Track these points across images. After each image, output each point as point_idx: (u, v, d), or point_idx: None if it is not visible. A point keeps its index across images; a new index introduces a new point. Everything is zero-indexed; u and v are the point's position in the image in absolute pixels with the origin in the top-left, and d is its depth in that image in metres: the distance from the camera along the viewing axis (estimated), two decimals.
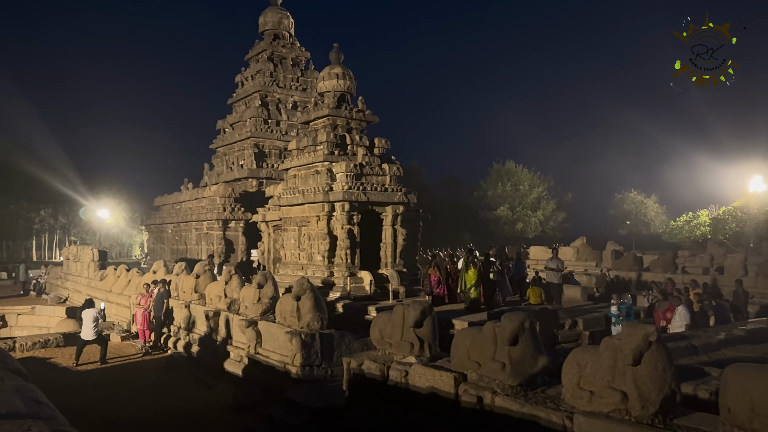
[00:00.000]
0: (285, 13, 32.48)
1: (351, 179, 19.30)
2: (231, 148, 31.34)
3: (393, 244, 20.26)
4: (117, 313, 19.20)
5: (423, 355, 7.64)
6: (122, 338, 16.84)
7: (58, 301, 24.67)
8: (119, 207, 66.02)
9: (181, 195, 30.87)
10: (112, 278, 21.38)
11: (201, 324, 14.46)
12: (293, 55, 31.94)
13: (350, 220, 19.13)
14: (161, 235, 32.54)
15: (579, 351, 6.14)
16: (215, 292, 14.62)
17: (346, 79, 21.37)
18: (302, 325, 10.87)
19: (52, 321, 21.21)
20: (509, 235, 56.46)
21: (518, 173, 59.91)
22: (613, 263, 28.36)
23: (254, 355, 11.64)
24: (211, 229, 26.73)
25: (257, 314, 12.45)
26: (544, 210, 58.23)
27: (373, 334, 8.60)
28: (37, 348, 15.46)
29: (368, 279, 18.46)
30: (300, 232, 20.85)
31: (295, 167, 21.87)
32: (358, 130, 21.61)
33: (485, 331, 6.64)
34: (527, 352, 6.35)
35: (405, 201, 20.25)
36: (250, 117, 29.78)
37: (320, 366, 10.34)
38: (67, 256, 29.30)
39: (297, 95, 31.36)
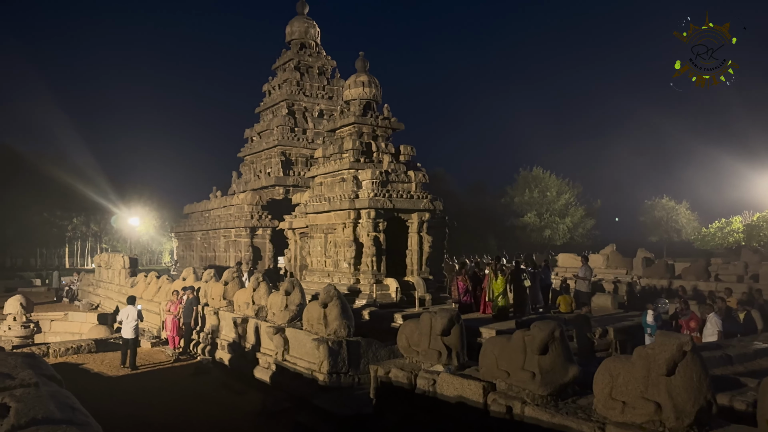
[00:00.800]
0: (311, 22, 32.79)
1: (377, 186, 19.33)
2: (258, 156, 31.68)
3: (419, 251, 20.20)
4: (147, 319, 19.48)
5: (451, 363, 7.58)
6: (152, 344, 17.09)
7: (90, 308, 25.16)
8: (149, 215, 67.22)
9: (209, 203, 31.29)
10: (142, 285, 21.74)
11: (229, 331, 14.59)
12: (319, 63, 32.20)
13: (376, 228, 19.14)
14: (190, 243, 33.00)
15: (611, 360, 6.03)
16: (243, 299, 14.74)
17: (372, 86, 21.46)
18: (329, 332, 10.89)
19: (84, 327, 21.65)
20: (537, 242, 55.88)
21: (545, 179, 59.30)
22: (644, 271, 27.82)
23: (282, 362, 11.69)
24: (239, 237, 27.02)
25: (284, 321, 12.51)
26: (573, 217, 57.50)
27: (400, 342, 8.57)
28: (70, 354, 15.77)
29: (394, 286, 18.43)
30: (326, 239, 20.94)
31: (321, 175, 22.00)
32: (384, 138, 21.66)
33: (514, 340, 6.56)
34: (558, 361, 6.25)
35: (431, 208, 20.20)
36: (277, 125, 30.08)
37: (347, 373, 10.33)
38: (99, 264, 29.89)
39: (323, 103, 31.59)
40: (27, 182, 53.22)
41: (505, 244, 53.85)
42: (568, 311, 15.08)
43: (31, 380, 4.53)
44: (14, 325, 19.25)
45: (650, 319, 12.70)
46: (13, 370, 4.94)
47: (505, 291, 14.50)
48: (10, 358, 5.48)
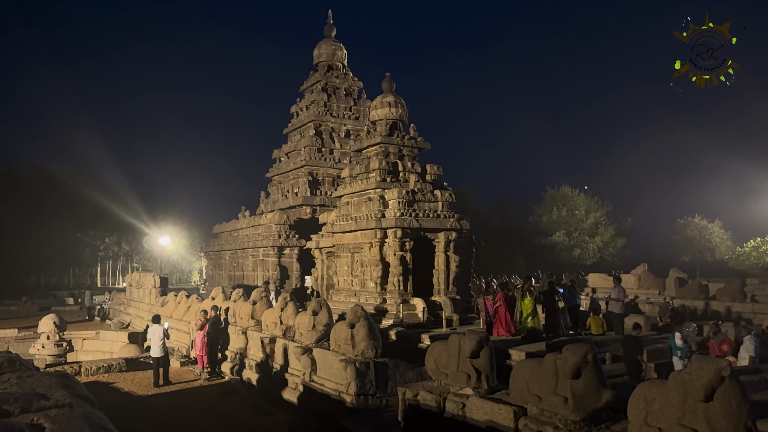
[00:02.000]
0: (338, 45, 33.26)
1: (403, 206, 19.34)
2: (286, 176, 32.03)
3: (446, 270, 20.09)
4: (176, 338, 19.69)
5: (480, 386, 7.48)
6: (181, 363, 17.22)
7: (120, 327, 25.54)
8: (179, 234, 68.26)
9: (238, 222, 31.68)
10: (172, 304, 22.00)
11: (257, 350, 14.64)
12: (346, 85, 32.58)
13: (402, 247, 19.11)
14: (219, 262, 33.38)
15: (646, 385, 5.88)
16: (271, 319, 14.80)
17: (398, 107, 21.59)
18: (356, 353, 10.85)
19: (115, 346, 21.95)
20: (566, 262, 55.09)
21: (574, 198, 58.58)
22: (677, 291, 27.23)
23: (309, 383, 11.67)
24: (266, 256, 27.24)
25: (312, 341, 12.52)
26: (603, 236, 56.57)
27: (429, 364, 8.49)
28: (101, 373, 15.98)
29: (421, 306, 18.32)
30: (353, 258, 20.97)
31: (347, 194, 22.12)
32: (410, 157, 21.72)
33: (546, 364, 6.44)
34: (590, 385, 6.12)
35: (457, 227, 20.11)
36: (305, 146, 30.41)
37: (375, 395, 10.25)
38: (130, 283, 30.37)
39: (350, 124, 31.88)
40: (62, 203, 54.67)
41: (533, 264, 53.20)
42: (599, 333, 14.78)
43: (66, 401, 4.59)
44: (48, 343, 19.62)
45: (679, 342, 12.34)
46: (48, 390, 5.02)
47: (535, 312, 14.28)
48: (45, 378, 5.57)
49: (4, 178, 54.15)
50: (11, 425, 3.73)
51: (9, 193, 51.53)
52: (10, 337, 22.71)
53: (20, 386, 5.27)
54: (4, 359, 6.76)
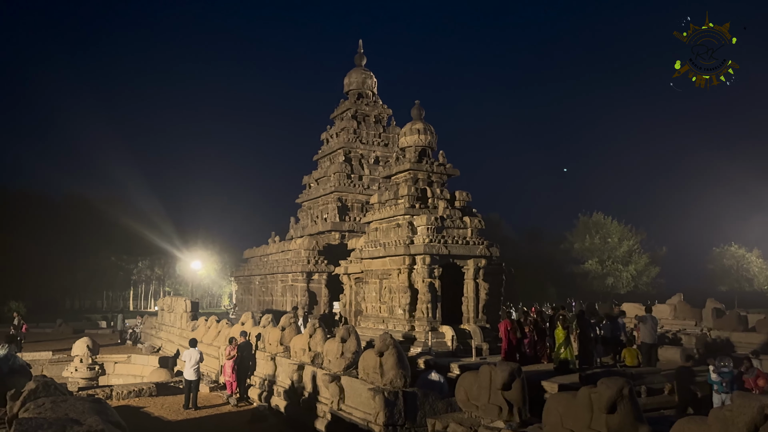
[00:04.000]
0: (369, 73, 33.75)
1: (432, 232, 19.28)
2: (316, 202, 32.31)
3: (475, 298, 19.87)
4: (206, 363, 19.77)
5: (512, 420, 7.31)
6: (210, 389, 17.29)
7: (151, 351, 25.80)
8: (210, 259, 69.15)
9: (268, 248, 31.96)
10: (203, 329, 22.18)
11: (285, 377, 14.61)
12: (376, 112, 32.94)
13: (431, 274, 19.00)
14: (249, 286, 33.64)
15: (685, 421, 5.68)
16: (300, 345, 14.79)
17: (427, 134, 21.70)
18: (385, 381, 10.73)
19: (146, 370, 22.16)
20: (599, 291, 53.98)
21: (607, 225, 57.66)
22: (714, 322, 26.38)
23: (337, 411, 11.57)
24: (295, 281, 27.36)
25: (340, 369, 12.44)
26: (637, 264, 55.39)
27: (459, 395, 8.36)
28: (132, 397, 16.12)
29: (450, 334, 18.11)
30: (381, 285, 20.91)
31: (376, 220, 22.17)
32: (439, 183, 21.72)
33: (580, 397, 6.28)
34: (627, 420, 5.94)
35: (487, 254, 19.93)
36: (334, 172, 30.70)
37: (404, 426, 10.10)
38: (162, 307, 30.76)
39: (379, 150, 32.13)
40: (97, 228, 56.06)
41: (565, 292, 52.24)
42: (634, 365, 14.39)
43: (98, 427, 4.64)
44: (81, 366, 19.91)
45: (714, 377, 11.88)
46: (81, 416, 5.08)
47: (567, 342, 13.98)
48: (78, 404, 5.65)
49: (42, 205, 56.02)
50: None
51: (46, 220, 53.20)
52: (45, 360, 23.12)
53: (54, 411, 5.35)
54: (39, 384, 6.89)
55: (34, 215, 52.71)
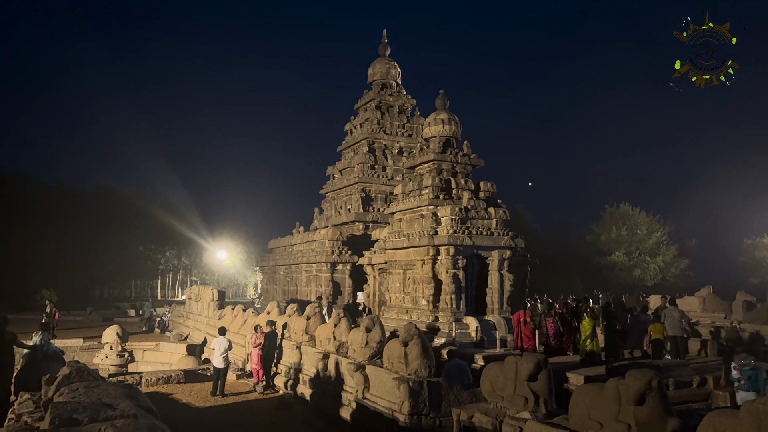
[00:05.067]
0: (392, 63, 33.64)
1: (456, 223, 19.21)
2: (339, 193, 32.41)
3: (500, 289, 19.79)
4: (233, 351, 20.06)
5: (538, 410, 7.28)
6: (237, 376, 17.53)
7: (179, 339, 26.24)
8: (236, 249, 69.98)
9: (292, 238, 32.20)
10: (229, 317, 22.47)
11: (311, 365, 14.75)
12: (400, 102, 32.84)
13: (455, 265, 18.96)
14: (274, 276, 33.97)
15: (716, 414, 5.59)
16: (324, 335, 14.90)
17: (452, 124, 21.57)
18: (410, 371, 10.76)
19: (174, 357, 22.55)
20: (626, 283, 53.22)
21: (634, 216, 56.70)
22: (744, 315, 25.84)
23: (362, 400, 11.65)
24: (319, 272, 27.53)
25: (365, 358, 12.51)
26: (665, 256, 54.42)
27: (484, 386, 8.34)
28: (160, 383, 16.43)
29: (474, 325, 18.07)
30: (405, 275, 20.93)
31: (400, 211, 22.16)
32: (464, 174, 21.60)
33: (608, 389, 6.22)
34: (655, 413, 5.86)
35: (512, 245, 19.81)
36: (358, 163, 30.73)
37: (428, 415, 10.12)
38: (189, 296, 31.25)
39: (403, 141, 32.06)
40: (126, 219, 57.20)
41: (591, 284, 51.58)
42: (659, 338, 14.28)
43: (130, 411, 4.75)
44: (111, 354, 20.34)
45: (735, 374, 11.51)
46: (114, 401, 5.20)
47: (594, 334, 13.84)
48: (110, 389, 5.78)
49: (74, 198, 57.37)
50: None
51: (78, 211, 54.47)
52: (76, 347, 23.66)
53: (88, 395, 5.48)
54: (73, 369, 7.07)
55: (66, 207, 54.06)
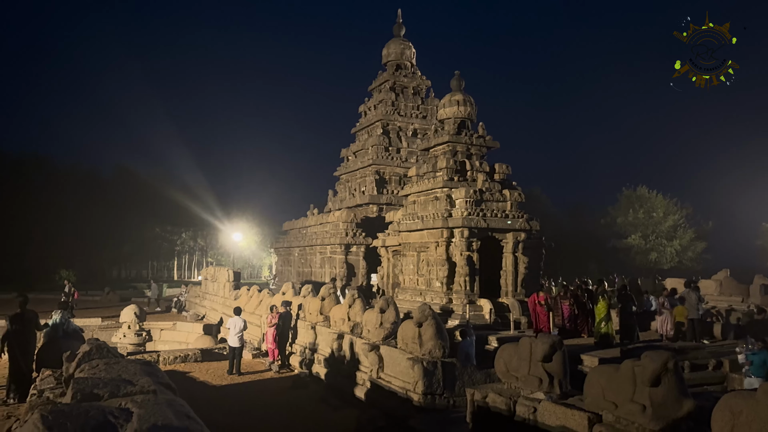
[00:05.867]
0: (407, 44, 33.33)
1: (470, 205, 19.14)
2: (353, 175, 32.39)
3: (514, 272, 19.74)
4: (248, 331, 20.28)
5: (552, 391, 7.29)
6: (253, 356, 17.75)
7: (196, 319, 26.57)
8: (251, 231, 70.42)
9: (306, 220, 32.32)
10: (245, 298, 22.70)
11: (325, 345, 14.89)
12: (414, 84, 32.60)
13: (469, 247, 18.92)
14: (288, 258, 34.17)
15: (732, 396, 5.57)
16: (339, 315, 15.02)
17: (467, 105, 21.39)
18: (424, 352, 10.83)
19: (191, 337, 22.88)
20: (642, 266, 52.83)
21: (651, 199, 56.07)
22: (762, 299, 25.61)
23: (376, 380, 11.76)
24: (334, 253, 27.64)
25: (379, 339, 12.60)
26: (681, 239, 53.86)
27: (498, 366, 8.37)
28: (178, 362, 16.70)
29: (488, 307, 18.08)
30: (419, 257, 20.95)
31: (414, 193, 22.11)
32: (478, 156, 21.47)
33: (623, 370, 6.21)
34: (671, 394, 5.85)
35: (526, 228, 19.72)
36: (372, 145, 30.65)
37: (442, 395, 10.20)
38: (205, 276, 31.57)
39: (417, 123, 31.88)
40: (142, 201, 57.78)
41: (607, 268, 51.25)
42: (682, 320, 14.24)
43: (150, 387, 4.82)
44: (129, 333, 20.69)
45: (741, 359, 11.35)
46: (133, 377, 5.29)
47: (608, 317, 13.80)
48: (130, 365, 5.88)
49: (91, 179, 57.95)
50: (102, 409, 3.94)
51: (95, 192, 55.07)
52: (95, 326, 24.07)
53: (108, 372, 5.58)
54: (93, 346, 7.19)
55: (84, 189, 54.65)
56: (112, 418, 3.75)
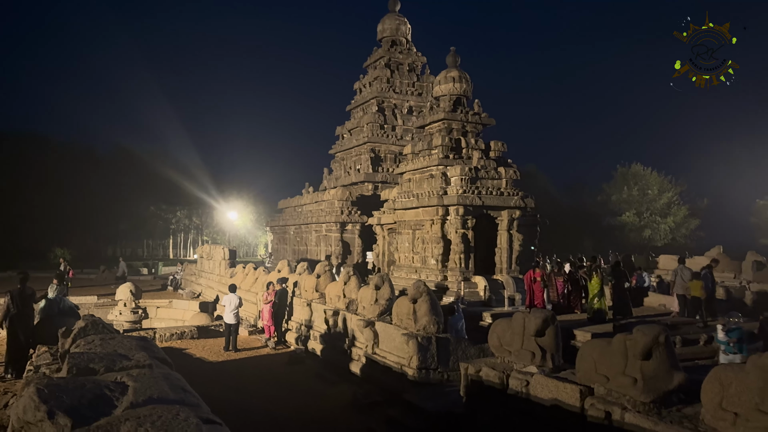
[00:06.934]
0: (402, 19, 32.97)
1: (465, 183, 19.15)
2: (349, 153, 32.29)
3: (508, 249, 19.84)
4: (244, 308, 20.37)
5: (545, 365, 7.38)
6: (249, 333, 17.87)
7: (192, 296, 26.67)
8: (246, 209, 70.31)
9: (302, 198, 32.29)
10: (240, 276, 22.77)
11: (321, 322, 14.99)
12: (410, 60, 32.33)
13: (464, 225, 18.98)
14: (284, 236, 34.21)
15: (722, 369, 5.66)
16: (334, 292, 15.09)
17: (462, 82, 21.27)
18: (418, 327, 10.91)
19: (187, 314, 22.98)
20: (636, 243, 53.12)
21: (646, 176, 56.18)
22: (754, 275, 25.88)
23: (372, 355, 11.86)
24: (329, 231, 27.68)
25: (374, 315, 12.68)
26: (675, 216, 54.13)
27: (491, 341, 8.45)
28: (174, 339, 16.79)
29: (482, 284, 18.20)
30: (414, 235, 21.01)
31: (409, 171, 22.09)
32: (474, 134, 21.41)
33: (615, 344, 6.28)
34: (662, 367, 5.93)
35: (521, 205, 19.76)
36: (367, 123, 30.50)
37: (436, 370, 10.31)
38: (201, 255, 31.60)
39: (412, 100, 31.70)
40: (138, 179, 57.53)
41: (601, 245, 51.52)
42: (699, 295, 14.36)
43: (146, 362, 4.86)
44: (125, 310, 20.76)
45: (721, 336, 11.31)
46: (129, 352, 5.32)
47: (602, 292, 13.92)
48: (125, 341, 5.91)
49: (87, 157, 57.61)
50: (98, 382, 3.97)
51: (90, 171, 54.75)
52: (91, 304, 24.12)
53: (104, 347, 5.61)
54: (88, 322, 7.22)
55: (80, 167, 54.31)
56: (108, 391, 3.78)
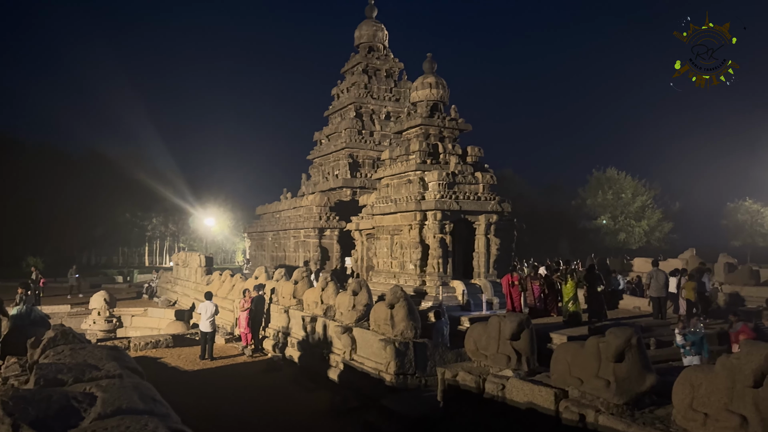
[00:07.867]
0: (380, 25, 33.05)
1: (443, 188, 19.23)
2: (327, 158, 32.22)
3: (486, 253, 19.94)
4: (221, 316, 20.16)
5: (520, 368, 7.43)
6: (226, 340, 17.68)
7: (167, 304, 26.33)
8: (224, 215, 69.68)
9: (280, 204, 32.11)
10: (217, 283, 22.55)
11: (299, 329, 14.90)
12: (387, 66, 32.42)
13: (442, 229, 19.04)
14: (262, 243, 33.97)
15: (692, 370, 5.76)
16: (312, 298, 15.02)
17: (439, 88, 21.38)
18: (396, 333, 10.91)
19: (162, 323, 22.67)
20: (611, 246, 53.92)
21: (620, 181, 57.14)
22: (726, 277, 26.35)
23: (349, 361, 11.83)
24: (307, 237, 27.55)
25: (352, 321, 12.65)
26: (649, 220, 55.08)
27: (468, 345, 8.48)
28: (149, 348, 16.55)
29: (461, 289, 18.27)
30: (392, 240, 21.01)
31: (387, 176, 22.11)
32: (451, 139, 21.53)
33: (588, 347, 6.35)
34: (634, 369, 6.01)
35: (498, 210, 19.89)
36: (345, 128, 30.48)
37: (414, 375, 10.32)
38: (177, 262, 31.23)
39: (390, 106, 31.77)
40: (113, 184, 56.49)
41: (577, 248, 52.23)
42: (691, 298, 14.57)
43: (116, 372, 4.77)
44: (99, 319, 20.40)
45: (679, 339, 11.64)
46: (99, 362, 5.22)
47: (576, 296, 14.07)
48: (96, 351, 5.80)
49: (61, 161, 56.36)
50: (65, 393, 3.90)
51: (64, 175, 53.50)
52: (64, 313, 23.70)
53: (73, 357, 5.50)
54: (58, 332, 7.07)
55: (52, 171, 52.85)
56: (76, 403, 3.71)
